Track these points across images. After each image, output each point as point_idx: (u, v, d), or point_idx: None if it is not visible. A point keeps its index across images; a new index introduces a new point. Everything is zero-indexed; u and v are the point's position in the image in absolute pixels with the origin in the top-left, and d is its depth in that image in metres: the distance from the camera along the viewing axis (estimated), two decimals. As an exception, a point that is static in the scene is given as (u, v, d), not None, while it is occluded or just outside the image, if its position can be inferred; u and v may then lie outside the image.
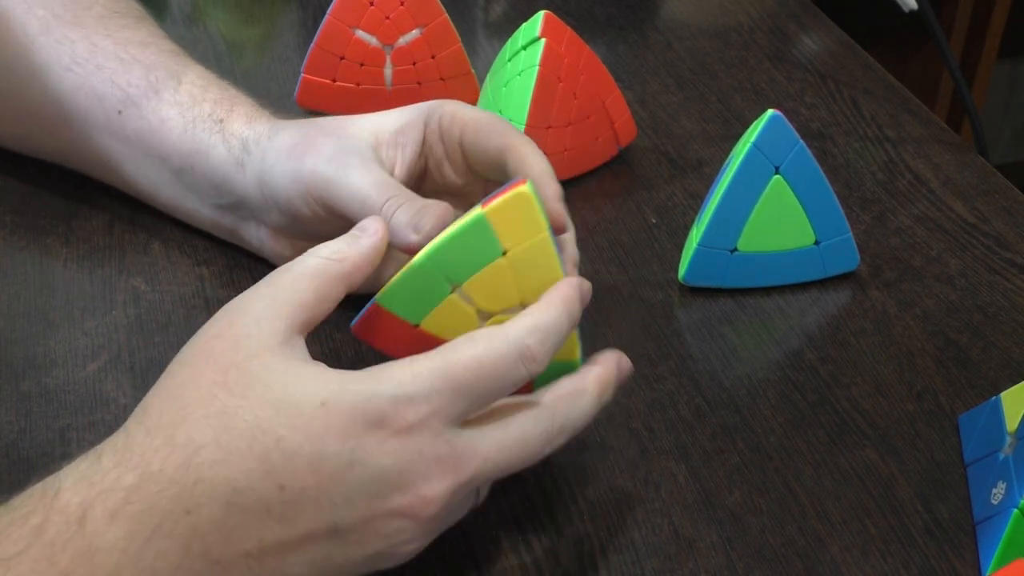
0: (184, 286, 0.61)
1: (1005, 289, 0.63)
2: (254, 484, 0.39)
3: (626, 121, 0.71)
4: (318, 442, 0.40)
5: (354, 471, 0.40)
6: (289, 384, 0.41)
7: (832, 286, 0.63)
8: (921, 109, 0.78)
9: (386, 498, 0.41)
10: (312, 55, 0.72)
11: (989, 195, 0.70)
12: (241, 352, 0.42)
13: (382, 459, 0.41)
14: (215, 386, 0.41)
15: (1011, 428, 0.50)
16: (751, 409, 0.55)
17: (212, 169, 0.58)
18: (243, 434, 0.40)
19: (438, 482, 0.42)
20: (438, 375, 0.42)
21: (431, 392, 0.41)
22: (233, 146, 0.57)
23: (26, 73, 0.62)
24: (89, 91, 0.61)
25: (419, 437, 0.41)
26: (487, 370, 0.42)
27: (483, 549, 0.49)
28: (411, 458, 0.41)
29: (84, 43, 0.61)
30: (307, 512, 0.40)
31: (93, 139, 0.62)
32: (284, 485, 0.40)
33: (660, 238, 0.66)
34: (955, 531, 0.50)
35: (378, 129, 0.55)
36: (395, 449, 0.41)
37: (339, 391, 0.41)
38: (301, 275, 0.44)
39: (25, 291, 0.60)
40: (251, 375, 0.41)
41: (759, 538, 0.49)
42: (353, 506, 0.41)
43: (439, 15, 0.72)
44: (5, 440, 0.52)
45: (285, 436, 0.40)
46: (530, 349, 0.43)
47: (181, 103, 0.59)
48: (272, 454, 0.40)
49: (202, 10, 0.86)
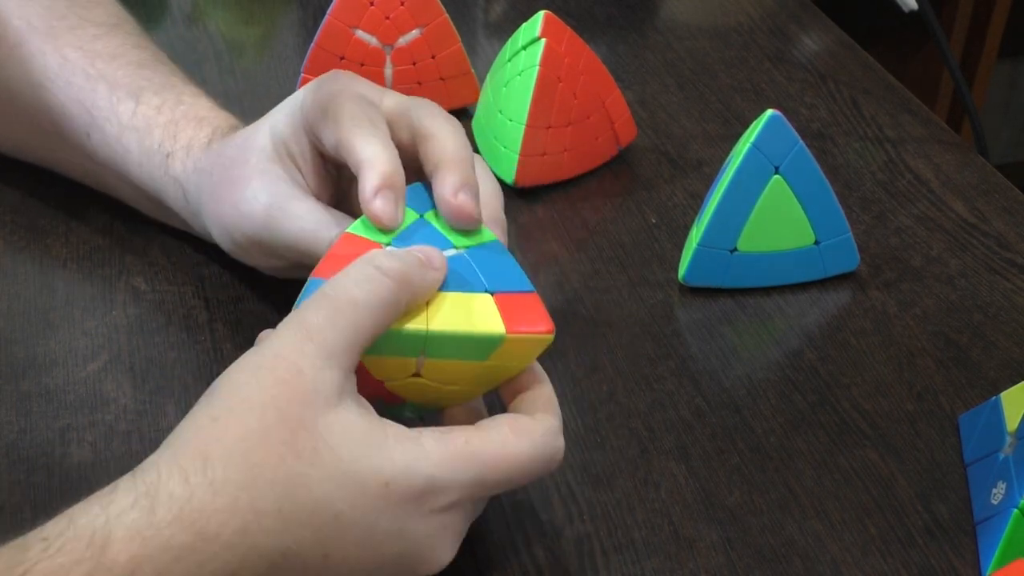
0: (184, 286, 0.61)
1: (1005, 289, 0.63)
2: (303, 551, 0.40)
3: (626, 121, 0.71)
4: (372, 519, 0.41)
5: (393, 544, 0.42)
6: (356, 457, 0.41)
7: (832, 286, 0.63)
8: (921, 109, 0.78)
9: (412, 567, 0.43)
10: (312, 55, 0.72)
11: (989, 195, 0.70)
12: (309, 409, 0.40)
13: (421, 532, 0.42)
14: (284, 446, 0.40)
15: (1011, 428, 0.50)
16: (751, 409, 0.55)
17: (171, 208, 0.58)
18: (304, 507, 0.40)
19: (451, 551, 0.44)
20: (488, 467, 0.43)
21: (477, 482, 0.43)
22: (177, 190, 0.57)
23: (6, 87, 0.62)
24: (61, 111, 0.60)
25: (454, 516, 0.43)
26: (524, 471, 0.44)
27: (483, 549, 0.49)
28: (442, 534, 0.43)
29: (55, 56, 0.61)
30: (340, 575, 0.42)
31: (75, 156, 0.62)
32: (329, 555, 0.41)
33: (660, 238, 0.66)
34: (955, 531, 0.50)
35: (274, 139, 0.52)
36: (432, 524, 0.43)
37: (403, 471, 0.41)
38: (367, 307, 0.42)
39: (25, 291, 0.60)
40: (319, 439, 0.40)
41: (759, 538, 0.49)
42: (381, 571, 0.43)
43: (439, 15, 0.72)
44: (5, 440, 0.52)
45: (344, 512, 0.41)
46: (559, 454, 0.45)
47: (138, 128, 0.58)
48: (328, 527, 0.40)
49: (202, 10, 0.86)
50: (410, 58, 0.72)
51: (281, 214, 0.51)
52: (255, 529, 0.39)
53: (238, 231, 0.53)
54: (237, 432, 0.40)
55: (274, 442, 0.40)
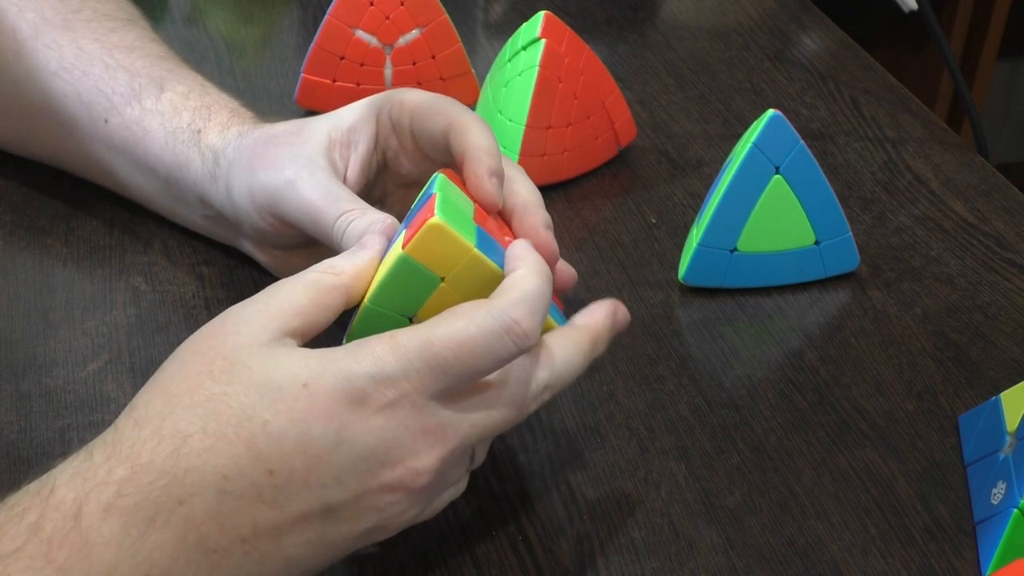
0: (184, 286, 0.61)
1: (1005, 289, 0.63)
2: (244, 470, 0.40)
3: (626, 121, 0.71)
4: (303, 425, 0.40)
5: (341, 451, 0.41)
6: (271, 368, 0.41)
7: (832, 286, 0.63)
8: (921, 109, 0.78)
9: (375, 474, 0.41)
10: (312, 55, 0.72)
11: (989, 195, 0.70)
12: (229, 344, 0.42)
13: (367, 437, 0.41)
14: (201, 376, 0.41)
15: (1011, 428, 0.50)
16: (751, 409, 0.55)
17: (193, 182, 0.58)
18: (229, 420, 0.40)
19: (426, 454, 0.42)
20: (416, 353, 0.41)
21: (410, 370, 0.41)
22: (207, 159, 0.57)
23: (16, 79, 0.62)
24: (76, 98, 0.61)
25: (402, 412, 0.41)
26: (468, 347, 0.42)
27: (483, 549, 0.49)
28: (397, 434, 0.41)
29: (72, 47, 0.61)
30: (298, 494, 0.40)
31: (84, 145, 0.62)
32: (273, 469, 0.40)
33: (660, 238, 0.66)
34: (955, 531, 0.50)
35: (331, 128, 0.55)
36: (380, 426, 0.41)
37: (320, 372, 0.41)
38: (296, 284, 0.44)
39: (25, 291, 0.60)
40: (236, 362, 0.41)
41: (759, 538, 0.49)
42: (343, 485, 0.41)
43: (439, 15, 0.72)
44: (5, 440, 0.52)
45: (270, 420, 0.40)
46: (518, 324, 0.42)
47: (163, 112, 0.59)
48: (259, 439, 0.40)
49: (202, 10, 0.86)
50: (410, 58, 0.72)
51: (299, 181, 0.52)
52: (184, 451, 0.39)
53: (261, 192, 0.54)
54: (159, 379, 0.42)
55: (191, 373, 0.41)
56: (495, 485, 0.51)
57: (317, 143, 0.54)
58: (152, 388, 0.42)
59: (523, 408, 0.44)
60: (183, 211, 0.61)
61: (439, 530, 0.49)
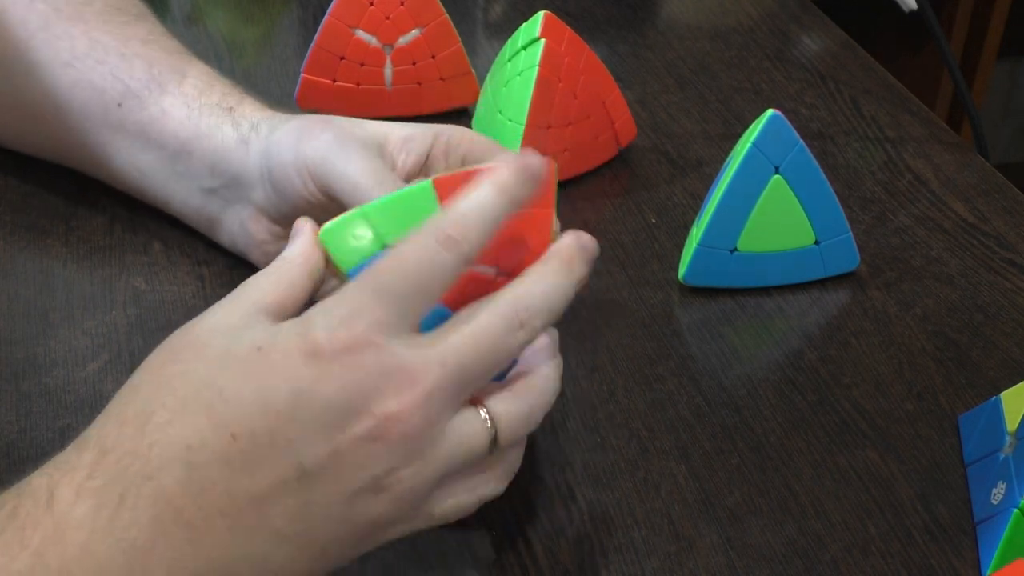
0: (184, 286, 0.61)
1: (1005, 289, 0.63)
2: (207, 439, 0.39)
3: (626, 121, 0.71)
4: (258, 383, 0.40)
5: (301, 404, 0.40)
6: (230, 340, 0.41)
7: (832, 286, 0.63)
8: (921, 109, 0.78)
9: (343, 426, 0.40)
10: (312, 55, 0.72)
11: (989, 195, 0.70)
12: (193, 332, 0.42)
13: (326, 386, 0.40)
14: (163, 364, 0.42)
15: (1011, 428, 0.50)
16: (751, 409, 0.55)
17: (212, 149, 0.58)
18: (189, 394, 0.40)
19: (394, 397, 0.40)
20: (360, 287, 0.41)
21: (359, 307, 0.41)
22: (242, 126, 0.58)
23: (25, 70, 0.62)
24: (87, 85, 0.61)
25: (359, 356, 0.40)
26: (411, 264, 0.41)
27: (483, 549, 0.49)
28: (356, 378, 0.40)
29: (84, 39, 0.61)
30: (267, 457, 0.39)
31: (88, 133, 0.62)
32: (236, 433, 0.39)
33: (660, 238, 0.66)
34: (955, 531, 0.50)
35: (388, 132, 0.56)
36: (338, 373, 0.40)
37: (273, 333, 0.41)
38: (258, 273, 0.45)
39: (25, 291, 0.60)
40: (197, 343, 0.42)
41: (759, 538, 0.49)
42: (312, 442, 0.40)
43: (439, 15, 0.72)
44: (5, 440, 0.52)
45: (226, 385, 0.40)
46: (451, 236, 0.41)
47: (186, 95, 0.60)
48: (217, 405, 0.40)
49: (202, 10, 0.86)
50: (410, 58, 0.72)
51: (354, 151, 0.53)
52: (149, 428, 0.40)
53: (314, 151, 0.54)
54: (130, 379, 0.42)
55: (154, 365, 0.42)
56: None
57: (377, 133, 0.55)
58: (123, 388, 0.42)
59: (501, 339, 0.42)
60: (179, 187, 0.61)
61: (439, 530, 0.49)
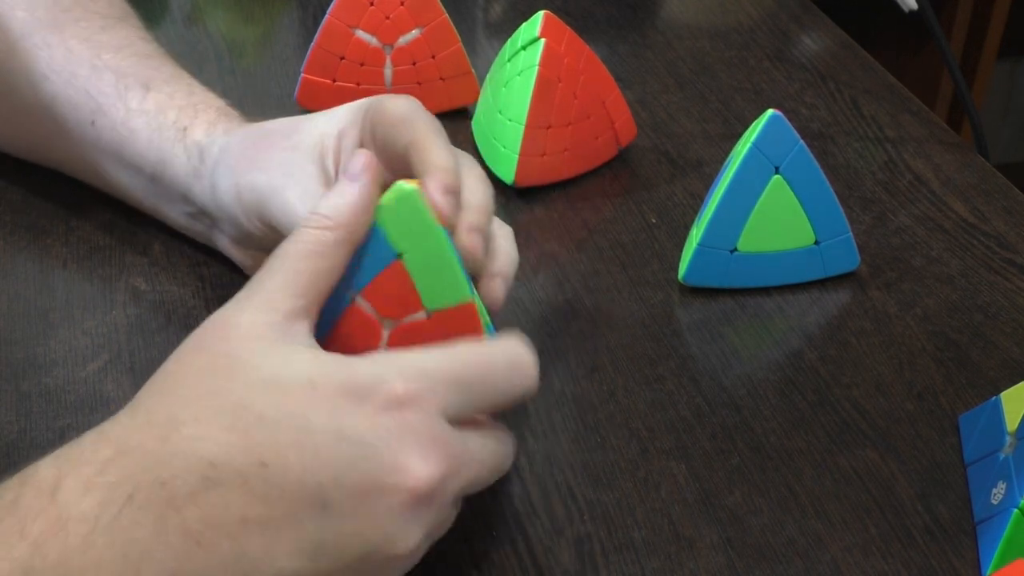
0: (184, 286, 0.61)
1: (1005, 289, 0.63)
2: (233, 458, 0.38)
3: (626, 121, 0.71)
4: (302, 417, 0.39)
5: (341, 447, 0.39)
6: (277, 365, 0.40)
7: (832, 286, 0.63)
8: (921, 109, 0.78)
9: (375, 476, 0.39)
10: (312, 55, 0.72)
11: (989, 195, 0.70)
12: (232, 339, 0.41)
13: (371, 432, 0.40)
14: (202, 371, 0.40)
15: (1011, 428, 0.50)
16: (751, 409, 0.55)
17: (175, 178, 0.58)
18: (225, 412, 0.39)
19: (433, 464, 0.40)
20: (432, 358, 0.41)
21: (422, 372, 0.41)
22: (192, 155, 0.57)
23: (7, 80, 0.62)
24: (65, 101, 0.61)
25: (410, 414, 0.40)
26: (481, 365, 0.42)
27: (483, 549, 0.49)
28: (403, 433, 0.40)
29: (60, 48, 0.61)
30: (290, 490, 0.39)
31: (73, 147, 0.62)
32: (267, 462, 0.38)
33: (660, 238, 0.66)
34: (955, 531, 0.50)
35: (323, 133, 0.53)
36: (385, 424, 0.40)
37: (330, 369, 0.40)
38: (291, 256, 0.43)
39: (25, 291, 0.60)
40: (239, 360, 0.40)
41: (759, 538, 0.49)
42: (341, 483, 0.39)
43: (439, 15, 0.72)
44: (5, 440, 0.52)
45: (268, 413, 0.39)
46: (521, 358, 0.44)
47: (147, 112, 0.59)
48: (253, 430, 0.39)
49: (202, 10, 0.86)
50: (410, 58, 0.72)
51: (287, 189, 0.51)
52: (176, 437, 0.38)
53: (248, 193, 0.53)
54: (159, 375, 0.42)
55: (191, 369, 0.41)
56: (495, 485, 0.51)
57: (309, 148, 0.53)
58: (152, 383, 0.42)
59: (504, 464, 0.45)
60: (166, 209, 0.61)
61: (439, 530, 0.49)
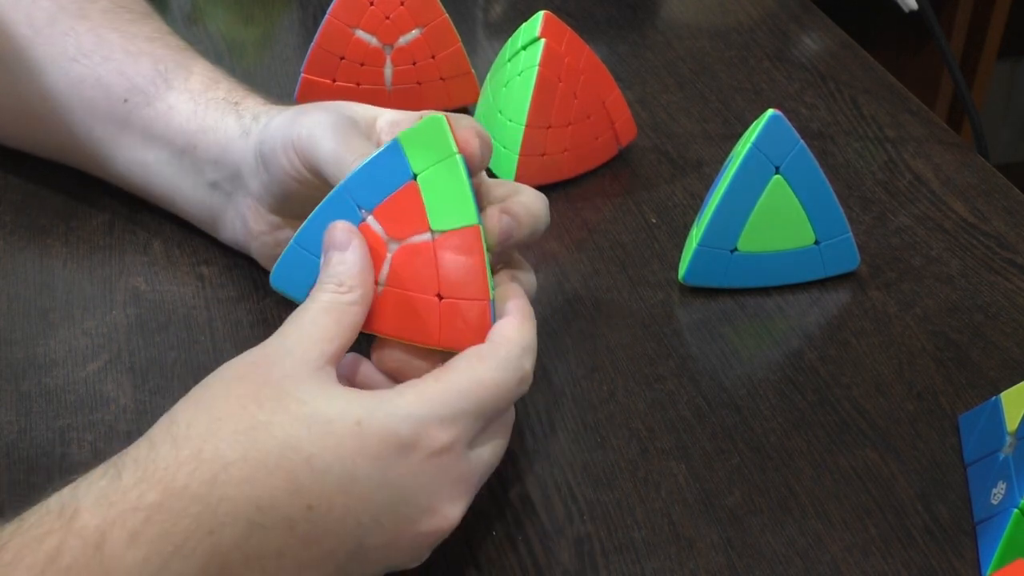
0: (184, 286, 0.61)
1: (1005, 289, 0.63)
2: (279, 503, 0.39)
3: (626, 121, 0.71)
4: (349, 463, 0.40)
5: (384, 493, 0.41)
6: (322, 402, 0.41)
7: (832, 286, 0.63)
8: (921, 109, 0.78)
9: (414, 520, 0.42)
10: (312, 55, 0.72)
11: (989, 195, 0.70)
12: (275, 372, 0.42)
13: (412, 481, 0.41)
14: (247, 399, 0.40)
15: (1011, 428, 0.50)
16: (751, 409, 0.55)
17: (216, 142, 0.58)
18: (271, 451, 0.39)
19: (460, 502, 0.43)
20: (464, 397, 0.43)
21: (459, 414, 0.42)
22: (245, 118, 0.58)
23: (28, 67, 0.62)
24: (93, 82, 0.61)
25: (447, 459, 0.42)
26: (502, 392, 0.44)
27: (483, 549, 0.49)
28: (440, 480, 0.42)
29: (90, 35, 0.61)
30: (332, 532, 0.40)
31: (92, 130, 0.62)
32: (312, 505, 0.39)
33: (660, 238, 0.66)
34: (955, 531, 0.50)
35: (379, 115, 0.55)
36: (426, 471, 0.41)
37: (374, 411, 0.41)
38: (314, 310, 0.44)
39: (25, 291, 0.60)
40: (284, 392, 0.41)
41: (759, 538, 0.49)
42: (381, 527, 0.41)
43: (439, 15, 0.72)
44: (5, 440, 0.52)
45: (315, 455, 0.40)
46: (527, 373, 0.45)
47: (192, 90, 0.60)
48: (300, 473, 0.39)
49: (202, 10, 0.86)
50: (410, 58, 0.72)
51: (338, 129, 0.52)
52: (223, 479, 0.38)
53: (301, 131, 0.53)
54: (202, 396, 0.41)
55: (235, 396, 0.41)
56: (495, 485, 0.51)
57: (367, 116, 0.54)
58: (194, 406, 0.41)
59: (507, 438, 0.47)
60: (184, 183, 0.61)
61: (439, 530, 0.49)
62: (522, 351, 0.45)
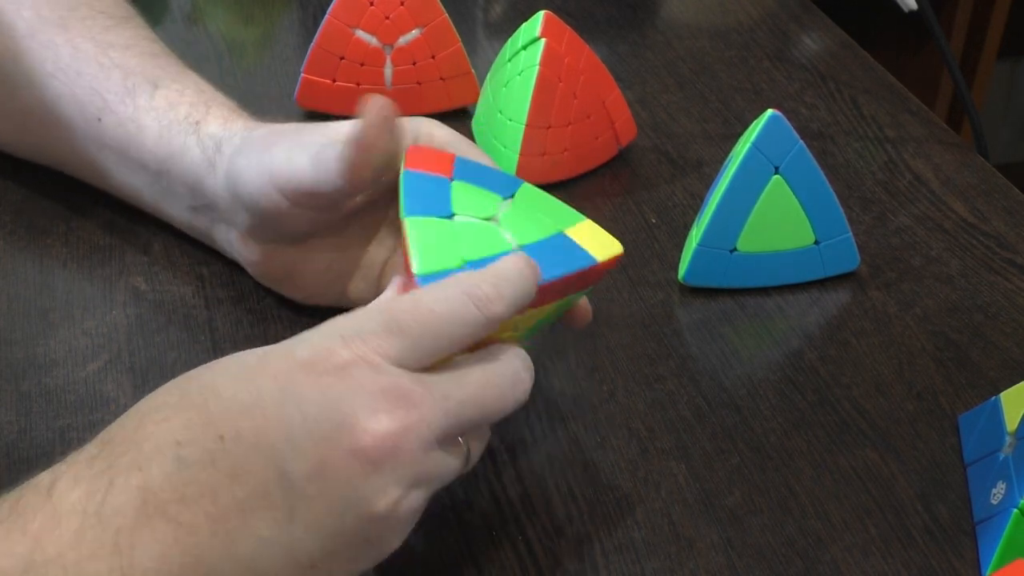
0: (184, 286, 0.61)
1: (1005, 289, 0.63)
2: (196, 436, 0.40)
3: (626, 121, 0.71)
4: (252, 386, 0.41)
5: (288, 410, 0.40)
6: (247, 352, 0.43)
7: (832, 286, 0.63)
8: (921, 109, 0.78)
9: (331, 439, 0.40)
10: (312, 55, 0.72)
11: (989, 195, 0.70)
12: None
13: (316, 395, 0.40)
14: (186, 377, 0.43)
15: (1011, 428, 0.50)
16: (751, 409, 0.55)
17: (186, 171, 0.58)
18: (190, 390, 0.42)
19: (387, 416, 0.40)
20: (375, 315, 0.42)
21: (366, 331, 0.41)
22: (207, 147, 0.57)
23: (12, 80, 0.62)
24: (71, 99, 0.61)
25: (356, 371, 0.40)
26: (427, 309, 0.42)
27: (483, 549, 0.49)
28: (351, 391, 0.40)
29: (67, 47, 0.61)
30: (250, 460, 0.39)
31: (77, 145, 0.62)
32: (223, 434, 0.40)
33: (660, 238, 0.66)
34: (955, 531, 0.50)
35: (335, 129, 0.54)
36: (331, 384, 0.40)
37: (279, 346, 0.42)
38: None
39: (25, 291, 0.60)
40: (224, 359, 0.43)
41: (759, 538, 0.49)
42: (298, 449, 0.40)
43: (439, 15, 0.72)
44: (5, 440, 0.52)
45: (223, 384, 0.41)
46: (481, 289, 0.42)
47: (157, 108, 0.59)
48: (209, 403, 0.41)
49: (202, 10, 0.86)
50: (410, 58, 0.72)
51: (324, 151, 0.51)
52: (148, 422, 0.41)
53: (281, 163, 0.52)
54: None
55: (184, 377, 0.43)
56: (495, 485, 0.51)
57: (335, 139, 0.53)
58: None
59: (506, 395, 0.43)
60: (168, 205, 0.61)
61: (439, 530, 0.49)
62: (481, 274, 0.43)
